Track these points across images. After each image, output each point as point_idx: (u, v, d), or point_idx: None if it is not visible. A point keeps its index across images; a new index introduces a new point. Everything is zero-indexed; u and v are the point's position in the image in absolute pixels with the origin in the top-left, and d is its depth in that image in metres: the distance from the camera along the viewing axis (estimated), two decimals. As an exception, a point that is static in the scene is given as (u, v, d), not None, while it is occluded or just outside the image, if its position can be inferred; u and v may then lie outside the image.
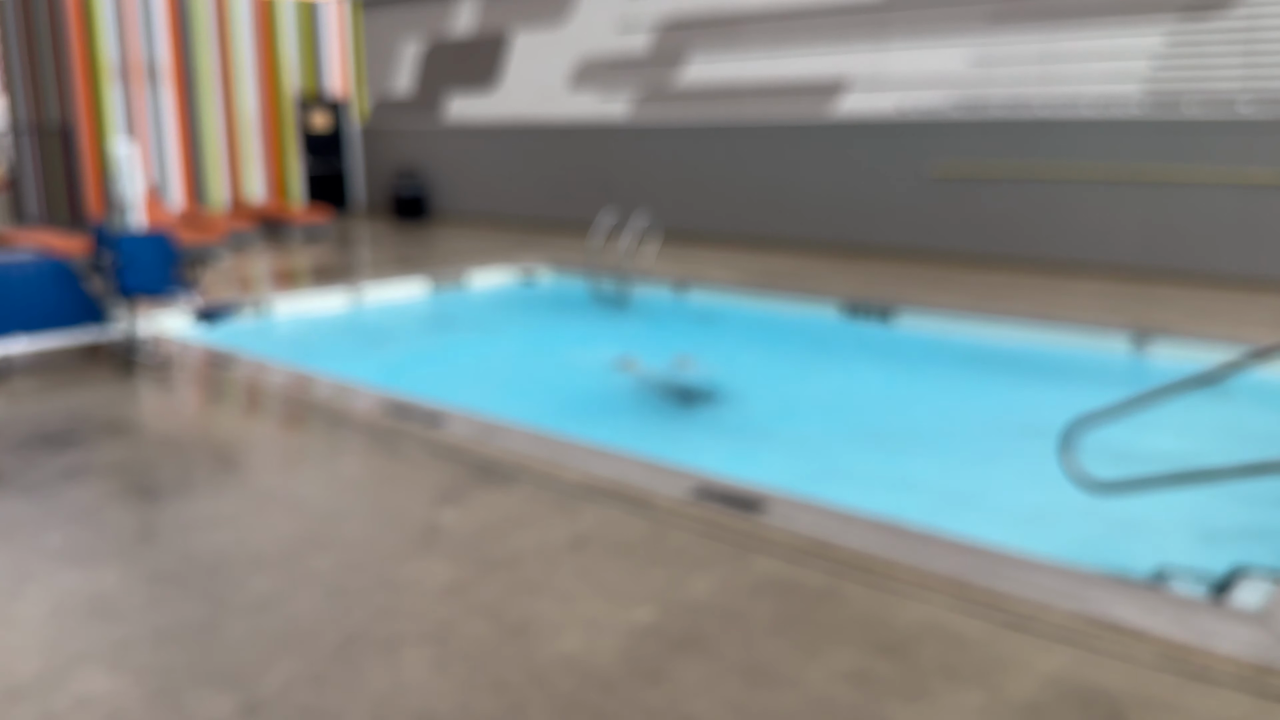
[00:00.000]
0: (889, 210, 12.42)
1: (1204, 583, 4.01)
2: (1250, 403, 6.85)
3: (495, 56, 22.62)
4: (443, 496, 4.85)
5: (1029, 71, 15.38)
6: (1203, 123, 10.39)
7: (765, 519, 4.44)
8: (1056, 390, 7.55)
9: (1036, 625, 3.47)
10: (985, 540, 4.10)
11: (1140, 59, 14.45)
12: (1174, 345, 7.90)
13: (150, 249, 7.56)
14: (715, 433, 7.08)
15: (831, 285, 10.53)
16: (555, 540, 4.31)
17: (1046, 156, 11.18)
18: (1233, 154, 10.21)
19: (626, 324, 10.27)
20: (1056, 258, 11.26)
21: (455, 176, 17.51)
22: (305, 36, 17.83)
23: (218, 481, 5.17)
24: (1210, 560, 4.19)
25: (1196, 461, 4.98)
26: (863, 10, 16.95)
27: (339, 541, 4.36)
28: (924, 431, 6.84)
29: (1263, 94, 11.32)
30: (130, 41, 15.59)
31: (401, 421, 6.08)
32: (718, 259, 12.59)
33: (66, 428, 6.04)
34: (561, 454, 5.39)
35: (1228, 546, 4.57)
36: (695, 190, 14.24)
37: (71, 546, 4.32)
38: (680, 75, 19.98)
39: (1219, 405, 6.71)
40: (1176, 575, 4.04)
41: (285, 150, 17.66)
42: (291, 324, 9.92)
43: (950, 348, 8.77)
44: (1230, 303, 9.35)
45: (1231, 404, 6.78)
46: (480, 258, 12.93)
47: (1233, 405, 6.79)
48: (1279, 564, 4.10)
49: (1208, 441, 6.37)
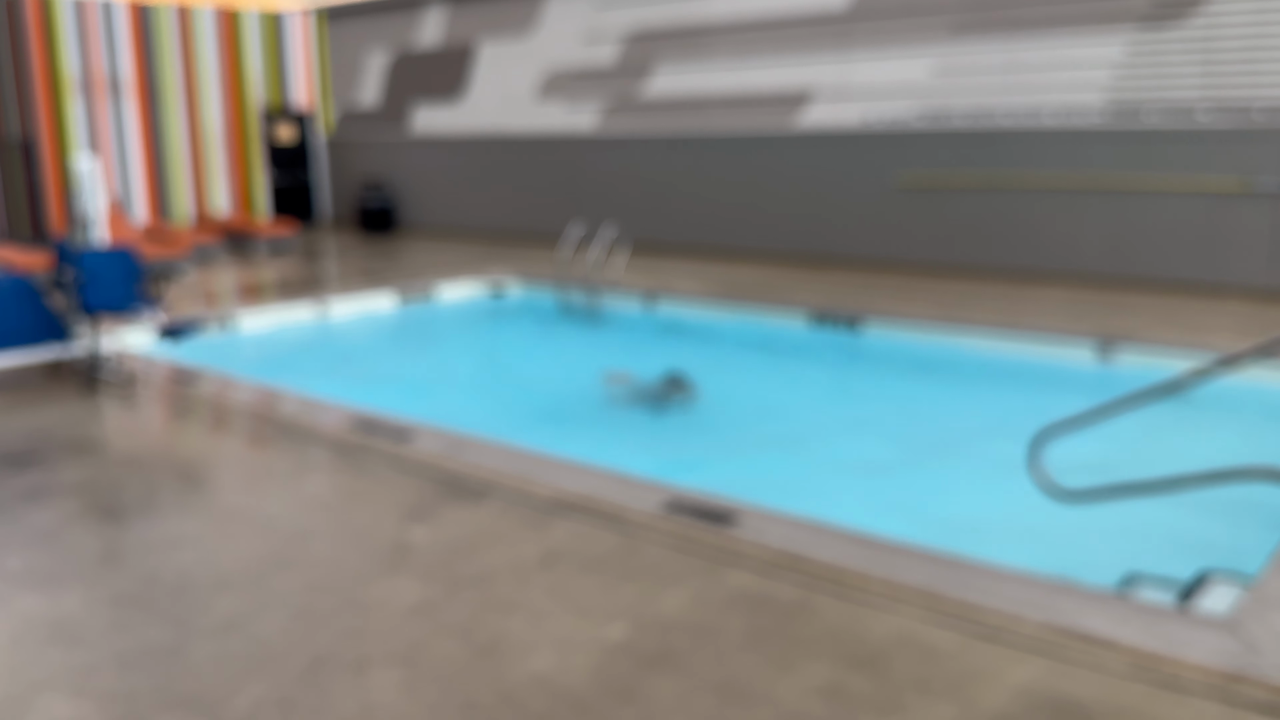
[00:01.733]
0: (855, 220, 12.48)
1: (1171, 590, 4.03)
2: (1217, 410, 6.92)
3: (462, 68, 22.55)
4: (411, 514, 4.79)
5: (992, 81, 15.52)
6: (1164, 132, 10.53)
7: (737, 532, 4.42)
8: (1022, 397, 7.59)
9: (1007, 636, 3.47)
10: (955, 551, 4.10)
11: (1101, 68, 14.61)
12: (1139, 353, 7.97)
13: (113, 265, 7.45)
14: (686, 438, 7.08)
15: (799, 295, 10.55)
16: (526, 557, 4.26)
17: (1010, 166, 11.28)
18: (1193, 163, 10.34)
19: (596, 335, 10.24)
20: (1021, 266, 11.35)
21: (422, 188, 17.43)
22: (270, 49, 17.70)
23: (182, 501, 5.09)
24: (1179, 567, 4.22)
25: (1163, 468, 5.02)
26: (827, 21, 17.04)
27: (306, 561, 4.30)
28: (891, 437, 6.86)
29: (1221, 103, 11.47)
30: (92, 54, 15.41)
31: (369, 437, 6.01)
32: (686, 270, 12.60)
33: (27, 447, 5.93)
34: (532, 469, 5.35)
35: (1199, 552, 4.60)
36: (663, 201, 14.26)
37: (32, 569, 4.23)
38: (647, 86, 20.00)
39: (1186, 412, 6.77)
40: (1144, 583, 4.06)
41: (250, 163, 17.51)
42: (257, 339, 9.81)
43: (917, 356, 8.81)
44: (1194, 310, 9.46)
45: (1198, 411, 6.84)
46: (448, 270, 12.86)
47: (1199, 412, 6.85)
48: (1245, 569, 4.13)
49: (1175, 448, 6.43)
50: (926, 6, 16.11)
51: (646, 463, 5.94)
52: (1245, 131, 10.10)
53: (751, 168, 13.35)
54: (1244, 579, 3.95)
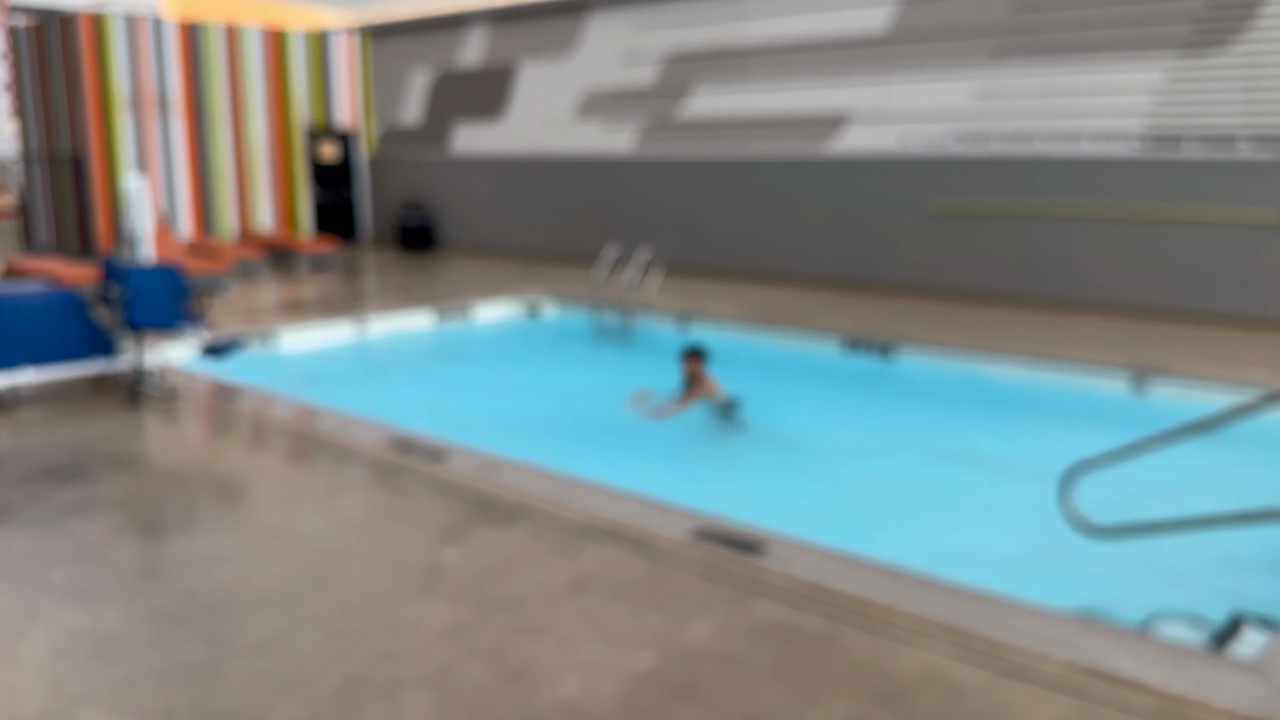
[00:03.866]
0: (889, 245, 12.45)
1: (1203, 631, 4.00)
2: (1253, 447, 6.84)
3: (503, 87, 22.77)
4: (445, 535, 4.84)
5: (1030, 105, 15.46)
6: (1202, 162, 10.44)
7: (765, 561, 4.43)
8: (1055, 430, 7.54)
9: (1034, 674, 3.46)
10: (983, 587, 4.09)
11: (1141, 94, 14.52)
12: (1174, 385, 7.90)
13: (159, 283, 7.60)
14: (710, 462, 7.10)
15: (832, 320, 10.54)
16: (556, 581, 4.30)
17: (1046, 194, 11.22)
18: (1231, 193, 10.24)
19: (629, 357, 10.28)
20: (1056, 294, 11.27)
21: (461, 207, 17.59)
22: (315, 68, 17.97)
23: (222, 517, 5.17)
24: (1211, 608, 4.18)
25: (1196, 505, 4.98)
26: (866, 44, 17.05)
27: (341, 581, 4.36)
28: (917, 467, 6.83)
29: (1262, 130, 11.38)
30: (142, 72, 15.71)
31: (405, 456, 6.08)
32: (720, 292, 12.62)
33: (72, 461, 6.05)
34: (564, 492, 5.39)
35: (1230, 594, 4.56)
36: (698, 224, 14.30)
37: (75, 584, 4.32)
38: (685, 108, 20.09)
39: (1222, 449, 6.70)
40: (1175, 623, 4.03)
41: (294, 181, 17.75)
42: (297, 356, 9.94)
43: (950, 384, 8.77)
44: (1231, 342, 9.35)
45: (1236, 447, 6.77)
46: (485, 290, 12.97)
47: (1235, 449, 6.78)
48: (1277, 612, 4.08)
49: (1208, 484, 6.36)
50: (966, 30, 16.08)
51: (667, 481, 5.97)
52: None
53: (787, 192, 13.37)
54: (1276, 623, 3.91)
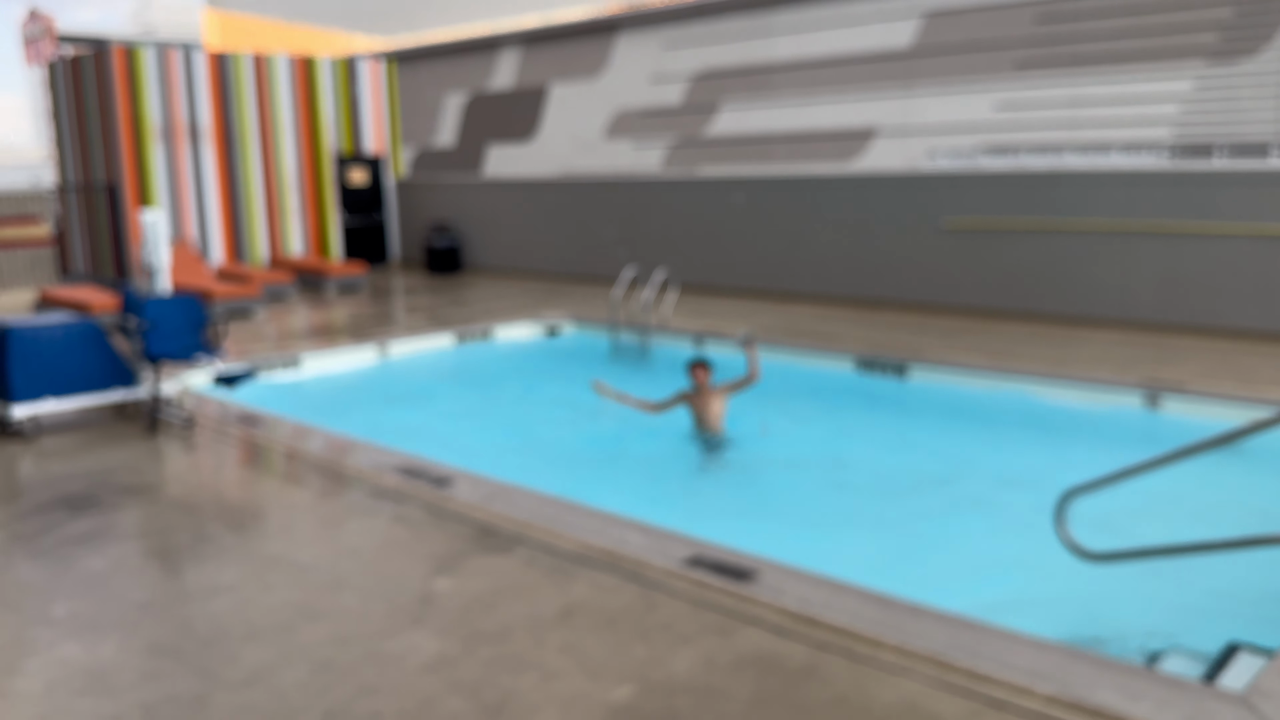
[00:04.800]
0: (907, 264, 12.34)
1: (1199, 662, 3.91)
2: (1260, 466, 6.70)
3: (534, 109, 22.93)
4: (441, 564, 4.85)
5: (1056, 117, 15.32)
6: (1223, 174, 10.25)
7: (755, 589, 4.39)
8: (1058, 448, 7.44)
9: (1015, 708, 3.39)
10: (970, 616, 4.02)
11: (1169, 104, 14.34)
12: (1187, 403, 7.77)
13: (177, 313, 7.68)
14: (714, 489, 7.06)
15: (847, 339, 10.47)
16: (545, 612, 4.29)
17: (1066, 211, 11.07)
18: (1253, 206, 10.03)
19: (645, 376, 10.26)
20: (1075, 312, 11.10)
21: (487, 230, 17.69)
22: (343, 94, 18.17)
23: (225, 548, 5.21)
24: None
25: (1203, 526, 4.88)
26: (892, 59, 16.99)
27: (334, 612, 4.38)
28: (931, 488, 6.76)
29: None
30: (174, 103, 15.97)
31: (410, 483, 6.11)
32: (735, 311, 12.58)
33: (87, 490, 6.13)
34: (562, 518, 5.38)
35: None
36: (717, 244, 14.27)
37: (76, 616, 4.37)
38: (711, 126, 20.11)
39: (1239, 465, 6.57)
40: (1170, 655, 3.94)
41: (323, 206, 17.95)
42: (318, 381, 10.03)
43: (965, 404, 8.67)
44: (1246, 358, 9.19)
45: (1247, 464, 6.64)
46: (507, 311, 13.03)
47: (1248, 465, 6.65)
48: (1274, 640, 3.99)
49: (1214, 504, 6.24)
50: (990, 43, 15.98)
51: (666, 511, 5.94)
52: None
53: (805, 210, 13.30)
54: (1272, 651, 3.82)
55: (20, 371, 7.20)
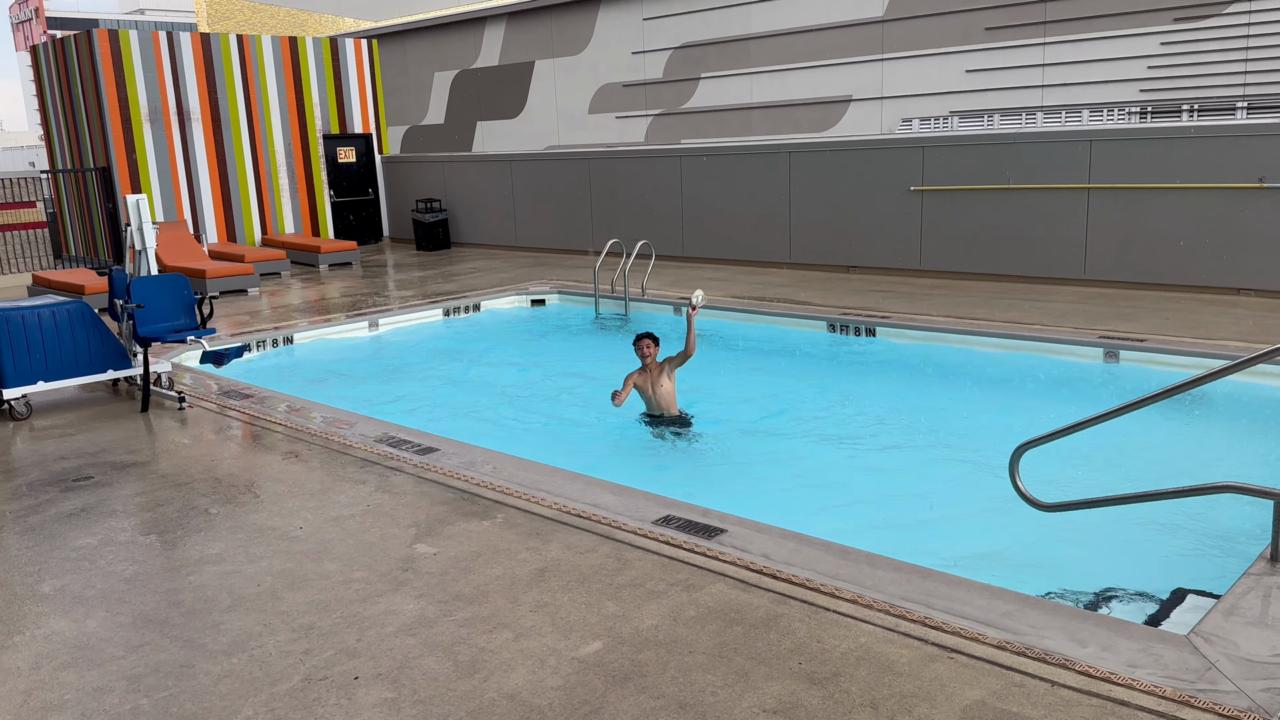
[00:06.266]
0: (878, 229, 12.32)
1: (1147, 605, 3.95)
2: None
3: (519, 84, 22.76)
4: (423, 530, 4.87)
5: (1026, 79, 15.25)
6: (1188, 132, 10.22)
7: (723, 544, 4.42)
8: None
9: (964, 654, 3.43)
10: (925, 564, 4.06)
11: (1136, 64, 14.29)
12: (1145, 356, 7.81)
13: (165, 292, 7.66)
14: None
15: (821, 301, 10.47)
16: (520, 573, 4.31)
17: (1034, 173, 11.03)
18: (1217, 164, 10.00)
19: (624, 342, 10.26)
20: (1041, 273, 11.10)
21: (475, 206, 17.61)
22: (329, 74, 17.99)
23: (214, 520, 5.22)
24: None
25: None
26: (865, 25, 16.88)
27: (317, 579, 4.39)
28: (897, 443, 6.79)
29: (1258, 99, 11.18)
30: (162, 85, 15.81)
31: (395, 451, 6.12)
32: (713, 279, 12.57)
33: (78, 467, 6.14)
34: (541, 484, 5.40)
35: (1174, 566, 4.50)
36: (695, 214, 14.22)
37: (64, 592, 4.38)
38: (691, 97, 19.98)
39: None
40: (1117, 600, 3.98)
41: (314, 185, 17.83)
42: (309, 355, 10.02)
43: (924, 359, 8.70)
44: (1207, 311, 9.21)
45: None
46: (493, 286, 13.00)
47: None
48: (1219, 584, 4.03)
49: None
50: (961, 8, 15.86)
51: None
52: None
53: (780, 178, 13.25)
54: (1215, 596, 3.86)
55: (10, 355, 7.17)
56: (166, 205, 15.94)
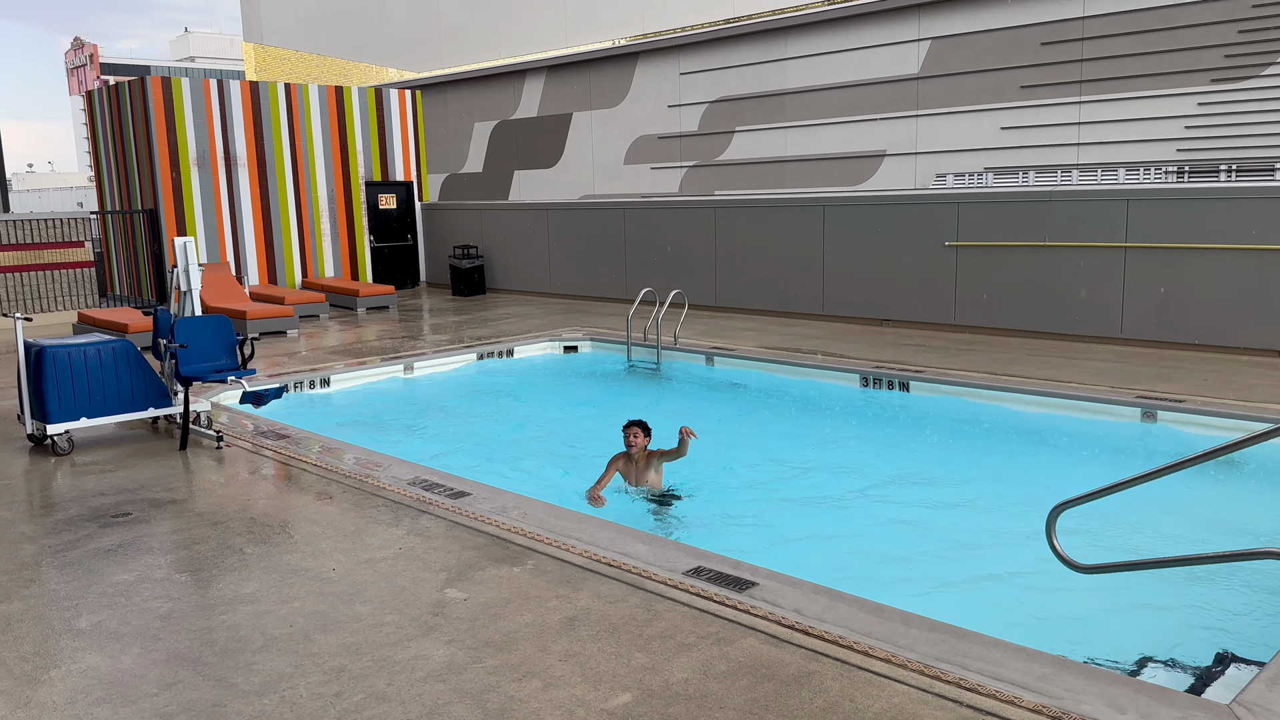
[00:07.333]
0: (913, 283, 12.29)
1: (1188, 673, 3.86)
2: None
3: (558, 135, 23.07)
4: (454, 575, 4.86)
5: (1062, 137, 15.25)
6: (1226, 192, 10.15)
7: (754, 598, 4.37)
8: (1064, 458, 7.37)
9: (1000, 716, 3.36)
10: (960, 624, 3.99)
11: (1173, 124, 14.26)
12: (1183, 417, 7.69)
13: (207, 333, 7.77)
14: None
15: (853, 353, 10.43)
16: (550, 621, 4.29)
17: (1069, 230, 10.99)
18: (1256, 224, 9.92)
19: (659, 391, 10.27)
20: (1070, 329, 11.01)
21: (511, 252, 17.78)
22: (373, 122, 18.32)
23: (248, 560, 5.24)
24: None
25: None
26: (899, 83, 16.97)
27: (349, 621, 4.39)
28: (931, 499, 6.71)
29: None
30: (210, 130, 16.16)
31: (427, 495, 6.13)
32: (746, 330, 12.57)
33: (116, 503, 6.19)
34: (572, 529, 5.39)
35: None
36: (729, 264, 14.27)
37: (99, 628, 4.40)
38: (726, 151, 20.15)
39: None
40: (1158, 665, 3.89)
41: (354, 229, 18.09)
42: (347, 397, 10.10)
43: (965, 417, 8.62)
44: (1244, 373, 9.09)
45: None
46: (526, 331, 13.07)
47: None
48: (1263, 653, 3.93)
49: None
50: (996, 66, 15.93)
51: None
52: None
53: (815, 231, 13.28)
54: (1259, 664, 3.77)
55: (55, 391, 7.28)
56: (210, 247, 16.21)
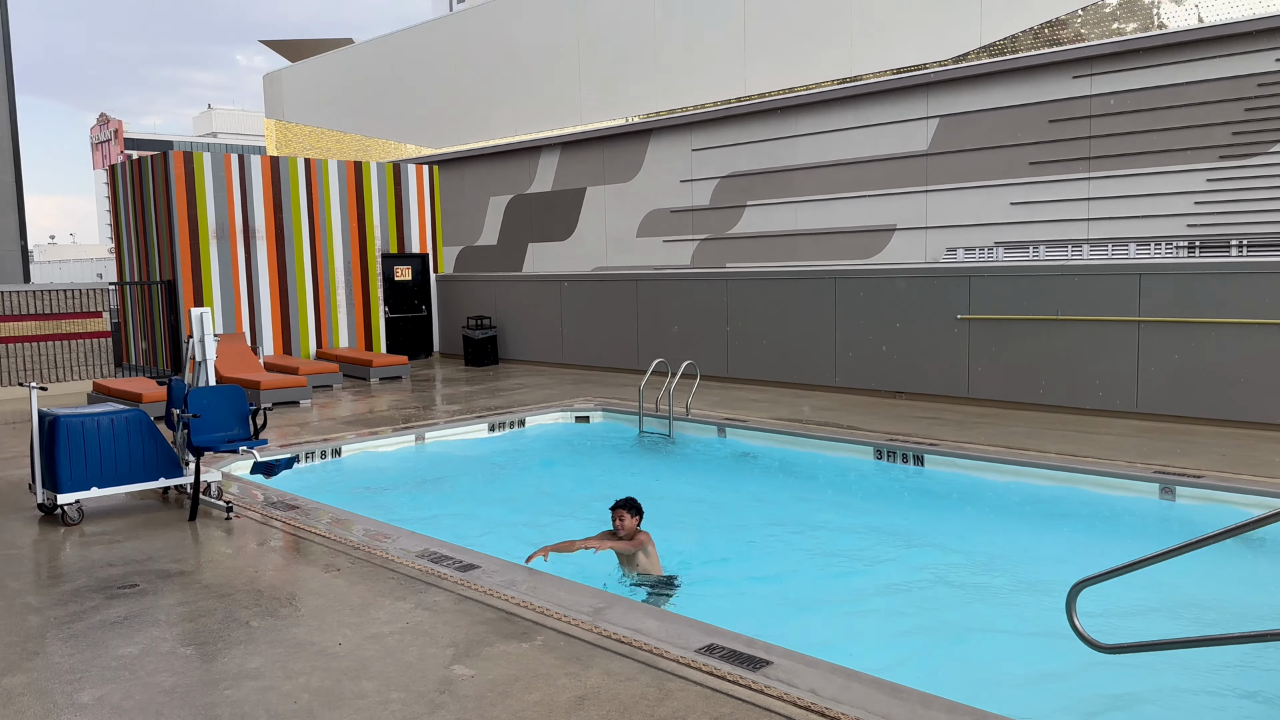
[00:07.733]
0: (924, 356, 12.27)
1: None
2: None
3: (571, 209, 23.36)
4: (461, 650, 4.77)
5: (1071, 212, 15.33)
6: (1237, 267, 10.15)
7: (769, 678, 4.27)
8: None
9: (1026, 804, 3.25)
10: (981, 705, 3.88)
11: (1182, 200, 14.32)
12: (1203, 493, 7.58)
13: (221, 403, 7.76)
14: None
15: (866, 426, 10.37)
16: (559, 700, 4.19)
17: (1080, 304, 10.98)
18: (1269, 299, 9.90)
19: (669, 462, 10.21)
20: (1087, 403, 10.94)
21: (524, 323, 17.88)
22: (390, 196, 18.58)
23: (255, 633, 5.17)
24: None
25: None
26: (908, 158, 17.15)
27: (354, 699, 4.30)
28: (946, 579, 6.60)
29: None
30: (230, 204, 16.40)
31: (436, 567, 6.06)
32: (759, 401, 12.53)
33: (124, 574, 6.13)
34: (581, 605, 5.30)
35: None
36: (741, 336, 14.30)
37: (102, 702, 4.32)
38: (736, 224, 20.33)
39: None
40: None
41: (369, 300, 18.23)
42: (358, 468, 10.06)
43: (978, 490, 8.52)
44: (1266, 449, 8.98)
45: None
46: (538, 402, 13.06)
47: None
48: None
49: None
50: (1005, 143, 16.10)
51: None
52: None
53: (826, 304, 13.32)
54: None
55: (68, 460, 7.27)
56: (227, 317, 16.34)
